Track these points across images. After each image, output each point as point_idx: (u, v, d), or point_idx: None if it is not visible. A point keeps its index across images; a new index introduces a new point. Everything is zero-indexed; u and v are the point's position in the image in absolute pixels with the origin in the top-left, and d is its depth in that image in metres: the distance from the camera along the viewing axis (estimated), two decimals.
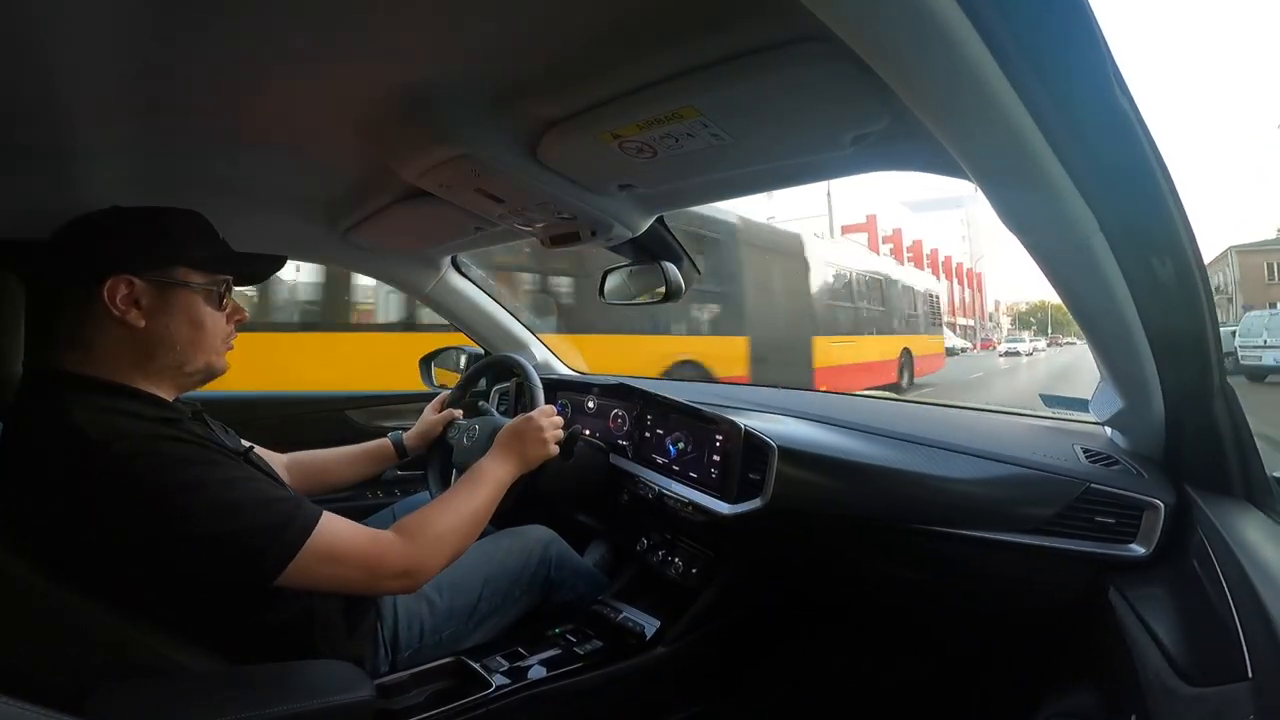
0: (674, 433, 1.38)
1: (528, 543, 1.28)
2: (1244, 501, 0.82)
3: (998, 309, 78.75)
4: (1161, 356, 0.80)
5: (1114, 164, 0.61)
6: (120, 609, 0.74)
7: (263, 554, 0.76)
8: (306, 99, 0.87)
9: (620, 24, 0.68)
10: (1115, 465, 0.97)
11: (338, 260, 1.74)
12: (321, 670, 0.85)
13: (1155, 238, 0.68)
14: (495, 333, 1.96)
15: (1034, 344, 37.94)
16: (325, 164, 1.14)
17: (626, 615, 1.30)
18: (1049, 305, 76.08)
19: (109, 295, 0.78)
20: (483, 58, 0.76)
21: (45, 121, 0.90)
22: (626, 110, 0.79)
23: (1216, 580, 0.68)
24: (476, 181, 1.01)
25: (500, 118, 0.89)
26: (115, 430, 0.73)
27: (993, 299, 77.05)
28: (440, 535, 0.92)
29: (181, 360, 0.85)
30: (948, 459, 1.07)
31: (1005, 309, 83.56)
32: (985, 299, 64.54)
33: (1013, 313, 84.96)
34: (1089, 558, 0.92)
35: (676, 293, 1.45)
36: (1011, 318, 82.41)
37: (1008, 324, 79.02)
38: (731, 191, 1.18)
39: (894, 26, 0.48)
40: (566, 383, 1.80)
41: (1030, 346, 32.04)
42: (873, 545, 1.18)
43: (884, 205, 37.05)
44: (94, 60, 0.74)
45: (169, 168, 1.09)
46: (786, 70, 0.66)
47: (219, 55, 0.75)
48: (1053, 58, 0.51)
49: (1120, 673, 0.75)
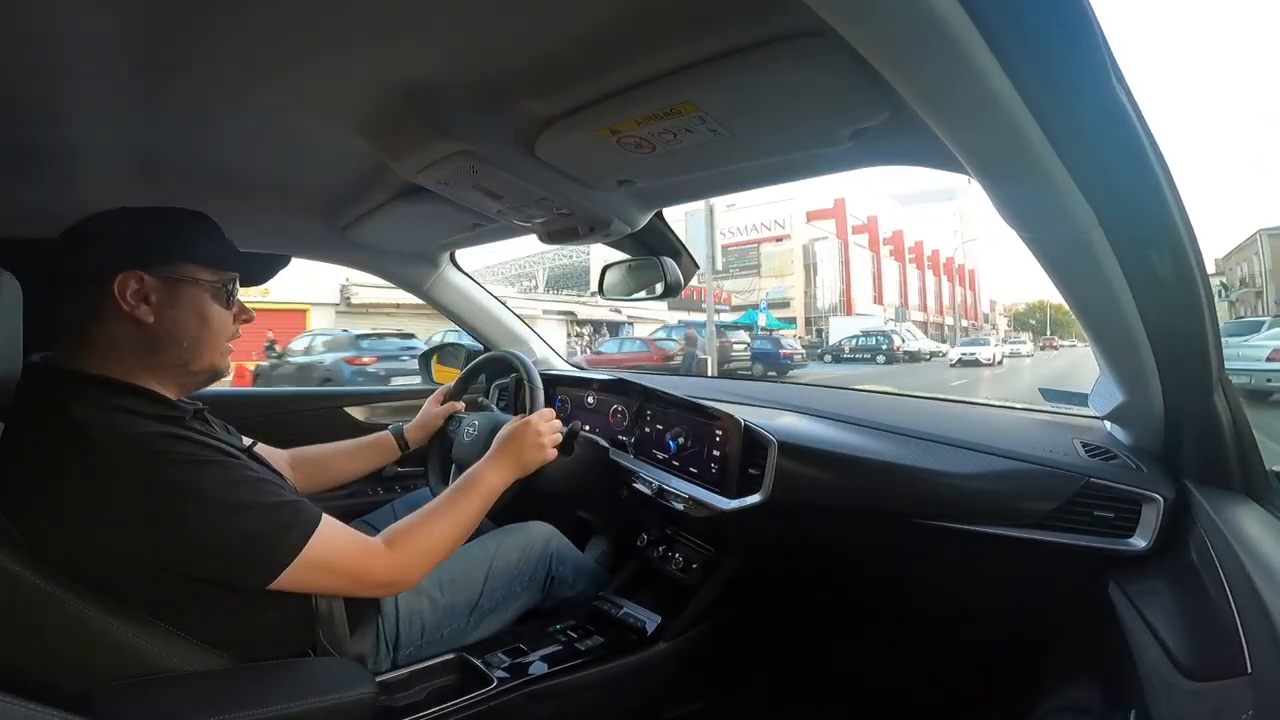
0: (674, 428, 1.38)
1: (528, 539, 1.28)
2: (1243, 496, 0.82)
3: (994, 309, 74.41)
4: (1161, 351, 0.80)
5: (1112, 158, 0.61)
6: (121, 608, 0.74)
7: (256, 563, 0.77)
8: (306, 97, 0.87)
9: (619, 20, 0.67)
10: (1114, 460, 0.97)
11: (336, 258, 1.73)
12: (323, 668, 0.86)
13: (1154, 232, 0.68)
14: (494, 329, 1.96)
15: (1012, 346, 28.18)
16: (324, 161, 1.14)
17: (627, 611, 1.30)
18: (1049, 305, 72.82)
19: (119, 290, 0.79)
20: (481, 54, 0.76)
21: (48, 122, 0.90)
22: (625, 106, 0.79)
23: (1216, 575, 0.68)
24: (475, 178, 1.01)
25: (499, 114, 0.89)
26: (118, 428, 0.73)
27: (988, 298, 72.39)
28: (427, 549, 0.94)
29: (188, 358, 0.85)
30: (947, 453, 1.07)
31: (1003, 309, 78.83)
32: (980, 296, 60.42)
33: (1010, 313, 79.03)
34: (1088, 552, 0.92)
35: (675, 288, 1.45)
36: (1009, 318, 77.49)
37: (1004, 325, 75.24)
38: (729, 187, 1.18)
39: (892, 21, 0.48)
40: (566, 379, 1.80)
41: (999, 351, 22.73)
42: (872, 540, 1.18)
43: (859, 192, 35.12)
44: (96, 59, 0.74)
45: (168, 166, 1.09)
46: (785, 65, 0.66)
47: (219, 53, 0.75)
48: (1050, 51, 0.51)
49: (1119, 667, 0.75)
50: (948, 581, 1.18)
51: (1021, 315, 77.60)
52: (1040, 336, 59.01)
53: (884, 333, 24.27)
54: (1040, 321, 70.08)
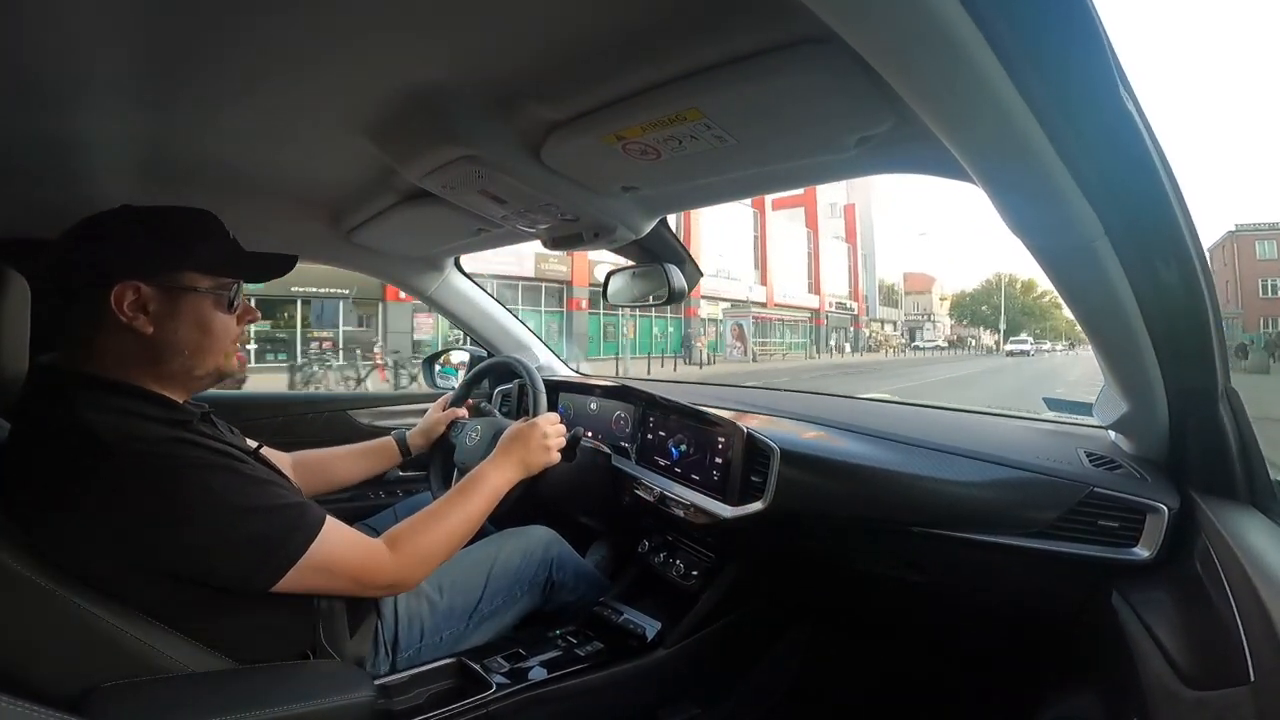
0: (676, 435, 1.38)
1: (529, 543, 1.28)
2: (1248, 506, 0.82)
3: (942, 300, 57.88)
4: (1165, 360, 0.80)
5: (1118, 167, 0.61)
6: (123, 608, 0.74)
7: (261, 565, 0.77)
8: (312, 100, 0.87)
9: (625, 26, 0.68)
10: (1118, 469, 0.97)
11: (341, 261, 1.74)
12: (322, 670, 0.86)
13: (1160, 241, 0.68)
14: (497, 334, 1.97)
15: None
16: (330, 164, 1.14)
17: (628, 617, 1.30)
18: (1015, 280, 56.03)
19: (116, 301, 0.77)
20: (487, 60, 0.77)
21: (55, 120, 0.90)
22: (630, 112, 0.79)
23: (1220, 584, 0.68)
24: (480, 183, 1.02)
25: (504, 119, 0.89)
26: (126, 431, 0.73)
27: (939, 287, 56.35)
28: (429, 550, 0.94)
29: (190, 364, 0.85)
30: (950, 462, 1.07)
31: (949, 299, 60.66)
32: (864, 271, 38.85)
33: (958, 303, 61.11)
34: (1091, 561, 0.92)
35: (679, 294, 1.46)
36: (954, 312, 60.69)
37: (949, 322, 59.41)
38: (734, 193, 1.18)
39: (898, 28, 0.48)
40: (569, 385, 1.80)
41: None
42: (875, 548, 1.18)
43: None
44: (103, 57, 0.75)
45: (173, 166, 1.09)
46: (791, 72, 0.67)
47: (226, 55, 0.75)
48: (1057, 59, 0.51)
49: (1122, 676, 0.75)
50: (949, 590, 1.17)
51: (965, 305, 61.29)
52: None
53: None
54: (990, 315, 53.65)
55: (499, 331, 1.97)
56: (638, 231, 1.26)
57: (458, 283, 1.86)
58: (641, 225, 1.26)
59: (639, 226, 1.25)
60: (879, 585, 1.29)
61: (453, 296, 1.88)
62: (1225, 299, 31.20)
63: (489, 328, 1.96)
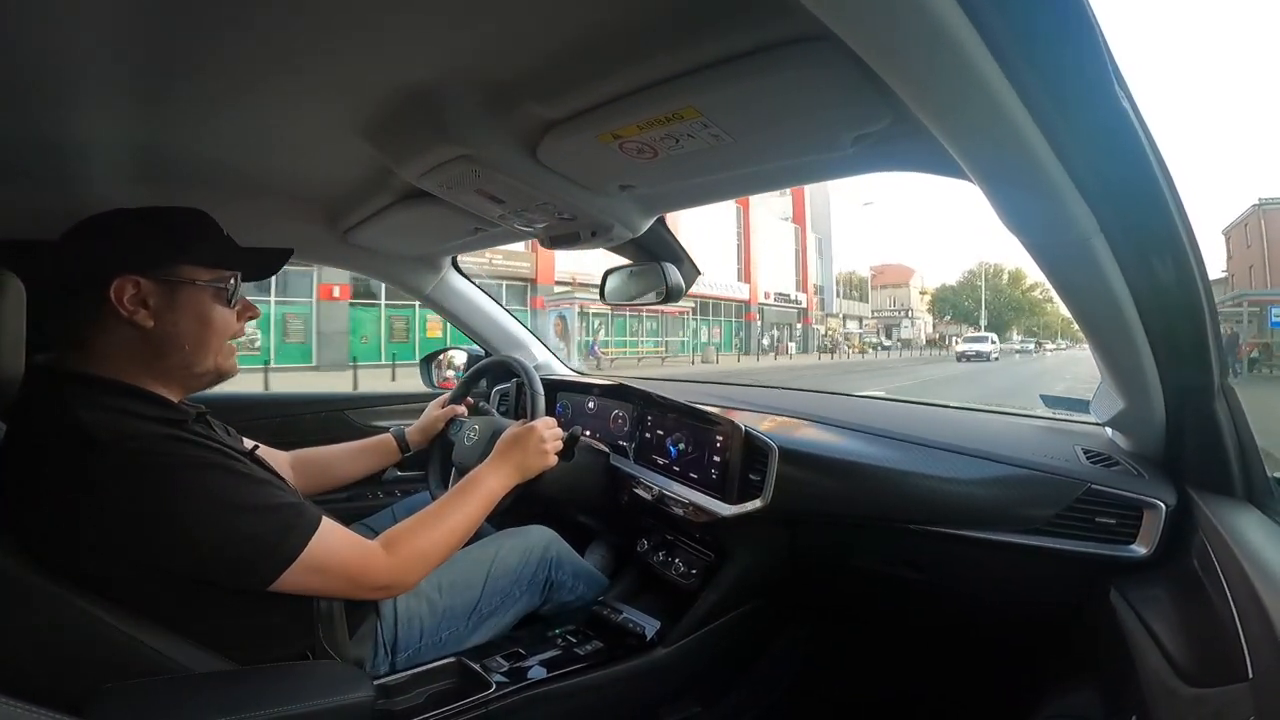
0: (674, 434, 1.38)
1: (528, 543, 1.28)
2: (1245, 502, 0.82)
3: (923, 295, 54.45)
4: (1162, 357, 0.80)
5: (1114, 164, 0.61)
6: (121, 609, 0.74)
7: (256, 564, 0.77)
8: (309, 100, 0.87)
9: (621, 24, 0.68)
10: (1116, 466, 0.97)
11: (338, 261, 1.73)
12: (321, 671, 0.85)
13: (1155, 238, 0.68)
14: (495, 334, 1.96)
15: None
16: (326, 164, 1.14)
17: (627, 616, 1.30)
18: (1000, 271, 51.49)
19: (116, 296, 0.78)
20: (484, 59, 0.77)
21: (52, 122, 0.90)
22: (627, 111, 0.79)
23: (1217, 581, 0.68)
24: (477, 182, 1.02)
25: (501, 118, 0.89)
26: (122, 430, 0.73)
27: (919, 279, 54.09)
28: (425, 552, 0.94)
29: (190, 360, 0.85)
30: (948, 459, 1.07)
31: (930, 293, 56.89)
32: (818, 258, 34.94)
33: (939, 297, 56.21)
34: (1089, 558, 0.92)
35: (677, 293, 1.46)
36: (935, 307, 56.16)
37: (929, 320, 55.83)
38: (731, 192, 1.18)
39: (894, 26, 0.48)
40: (567, 384, 1.80)
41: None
42: (873, 546, 1.18)
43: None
44: (99, 58, 0.74)
45: (170, 166, 1.09)
46: (787, 70, 0.66)
47: (222, 54, 0.75)
48: (1053, 57, 0.51)
49: (1121, 673, 0.75)
50: (948, 587, 1.17)
51: (946, 298, 55.52)
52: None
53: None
54: (977, 305, 47.76)
55: (497, 331, 1.97)
56: (635, 230, 1.26)
57: (455, 282, 1.86)
58: (639, 224, 1.25)
59: (636, 225, 1.25)
60: (878, 583, 1.29)
61: (450, 296, 1.87)
62: (1251, 283, 27.39)
63: (487, 327, 1.96)
